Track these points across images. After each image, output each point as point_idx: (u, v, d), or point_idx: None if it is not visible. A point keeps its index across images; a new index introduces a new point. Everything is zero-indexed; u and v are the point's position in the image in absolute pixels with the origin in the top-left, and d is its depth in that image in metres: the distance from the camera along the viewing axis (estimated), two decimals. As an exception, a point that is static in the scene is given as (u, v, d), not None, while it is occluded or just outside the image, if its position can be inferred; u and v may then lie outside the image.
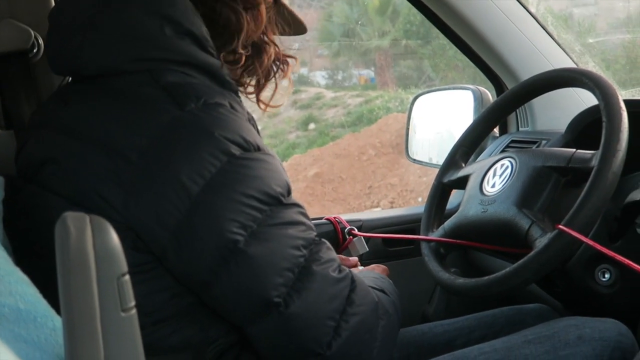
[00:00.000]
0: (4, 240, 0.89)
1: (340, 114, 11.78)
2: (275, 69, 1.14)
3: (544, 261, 1.05)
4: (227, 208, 0.85)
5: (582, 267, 1.19)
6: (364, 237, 1.62)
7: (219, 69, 0.97)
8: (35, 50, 1.38)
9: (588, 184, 1.04)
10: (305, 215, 0.95)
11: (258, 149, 0.90)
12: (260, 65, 1.10)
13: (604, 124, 1.07)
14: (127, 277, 0.51)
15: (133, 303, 0.51)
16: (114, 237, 0.50)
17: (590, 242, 1.02)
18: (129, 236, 0.86)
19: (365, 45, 13.58)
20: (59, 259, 0.49)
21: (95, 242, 0.48)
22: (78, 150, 0.89)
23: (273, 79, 1.15)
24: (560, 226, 1.04)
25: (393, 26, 13.08)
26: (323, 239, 0.97)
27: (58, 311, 0.53)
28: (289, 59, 1.16)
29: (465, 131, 1.44)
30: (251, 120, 0.97)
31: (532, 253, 1.07)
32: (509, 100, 1.39)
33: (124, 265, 0.50)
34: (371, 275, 1.17)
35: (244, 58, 1.07)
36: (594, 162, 1.06)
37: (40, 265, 0.75)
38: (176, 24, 0.93)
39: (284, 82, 1.18)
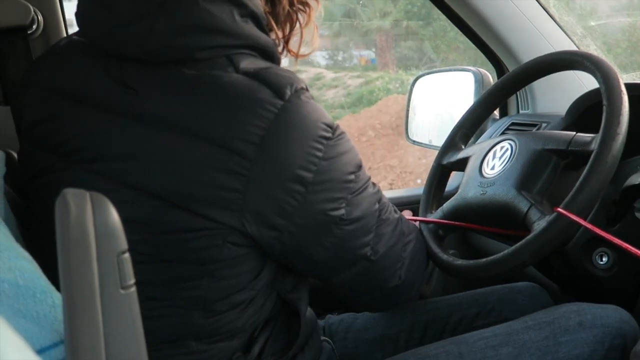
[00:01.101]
0: (6, 215, 0.89)
1: (340, 95, 11.75)
2: (295, 14, 1.11)
3: (542, 244, 1.05)
4: (334, 189, 0.95)
5: (580, 250, 1.19)
6: None
7: (274, 48, 0.99)
8: (34, 27, 1.37)
9: (587, 167, 1.04)
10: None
11: (334, 125, 0.96)
12: (279, 13, 1.08)
13: (604, 107, 1.07)
14: (127, 254, 0.51)
15: (133, 281, 0.51)
16: (114, 214, 0.50)
17: (589, 226, 1.02)
18: (233, 234, 0.90)
19: (366, 26, 13.52)
20: (59, 235, 0.49)
21: (95, 219, 0.48)
22: (174, 144, 0.87)
23: (297, 26, 1.12)
24: (559, 209, 1.04)
25: (394, 7, 13.03)
26: (377, 186, 1.08)
27: (58, 287, 0.53)
28: (310, 1, 1.12)
29: (466, 113, 1.44)
30: None
31: (530, 235, 1.07)
32: (510, 82, 1.38)
33: (124, 242, 0.50)
34: None
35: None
36: (594, 146, 1.06)
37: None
38: (242, 6, 0.93)
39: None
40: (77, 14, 0.98)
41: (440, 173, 1.42)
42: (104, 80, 0.92)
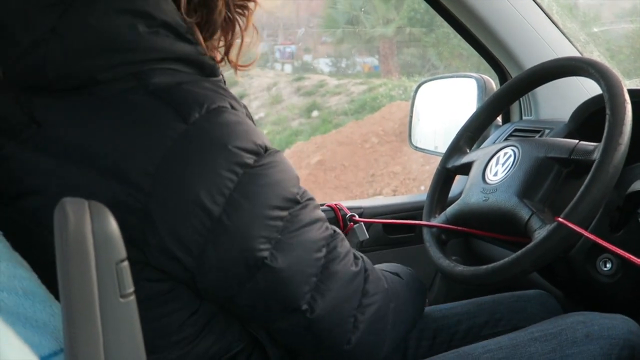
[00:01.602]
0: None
1: (343, 102, 11.75)
2: (232, 18, 0.99)
3: (542, 253, 1.05)
4: (251, 225, 0.82)
5: (584, 256, 1.18)
6: (365, 223, 1.61)
7: (198, 55, 0.89)
8: None
9: (589, 177, 1.03)
10: (317, 206, 0.94)
11: (266, 149, 0.85)
12: (215, 20, 0.96)
13: (607, 116, 1.07)
14: (126, 263, 0.51)
15: (132, 289, 0.51)
16: (113, 223, 0.50)
17: (590, 235, 1.02)
18: (146, 270, 0.82)
19: (370, 33, 13.53)
20: (57, 244, 0.49)
21: (94, 228, 0.48)
22: (78, 179, 0.80)
23: (238, 33, 1.01)
24: (560, 219, 1.04)
25: (397, 14, 13.04)
26: (336, 229, 0.96)
27: (57, 296, 0.53)
28: (248, 3, 1.01)
29: (470, 117, 1.44)
30: (247, 111, 0.93)
31: (530, 244, 1.07)
32: (514, 88, 1.38)
33: (122, 251, 0.50)
34: (387, 264, 1.19)
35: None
36: (596, 155, 1.05)
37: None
38: (148, 17, 0.84)
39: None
40: None
41: (444, 176, 1.42)
42: (17, 114, 0.85)
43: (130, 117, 0.80)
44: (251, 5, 1.01)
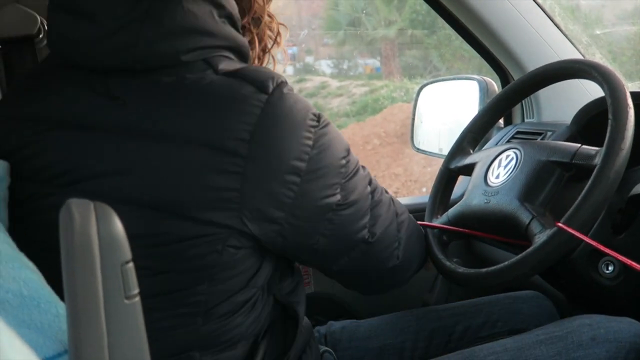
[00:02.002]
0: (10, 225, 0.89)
1: (345, 103, 11.76)
2: (270, 40, 1.15)
3: (541, 258, 1.06)
4: (328, 175, 0.95)
5: (586, 259, 1.18)
6: None
7: (247, 48, 0.99)
8: (41, 36, 1.38)
9: (590, 182, 1.03)
10: None
11: (317, 113, 0.96)
12: (260, 38, 1.12)
13: (609, 121, 1.07)
14: (131, 264, 0.51)
15: (137, 290, 0.51)
16: (118, 224, 0.50)
17: (589, 240, 1.02)
18: (232, 238, 0.90)
19: (371, 35, 13.53)
20: (63, 245, 0.49)
21: (99, 229, 0.48)
22: (169, 153, 0.86)
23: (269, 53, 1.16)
24: (560, 224, 1.04)
25: (399, 16, 13.04)
26: (366, 168, 1.09)
27: (62, 297, 0.53)
28: (280, 27, 1.16)
29: (474, 118, 1.44)
30: None
31: (530, 249, 1.07)
32: (518, 89, 1.38)
33: (127, 252, 0.50)
34: None
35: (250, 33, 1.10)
36: (597, 160, 1.05)
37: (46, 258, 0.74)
38: (221, 7, 0.93)
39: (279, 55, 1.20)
40: (49, 31, 0.95)
41: (447, 177, 1.42)
42: (88, 97, 0.89)
43: (214, 94, 0.87)
44: (283, 29, 1.16)
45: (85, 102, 0.89)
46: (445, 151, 1.45)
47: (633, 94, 1.14)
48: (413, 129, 2.07)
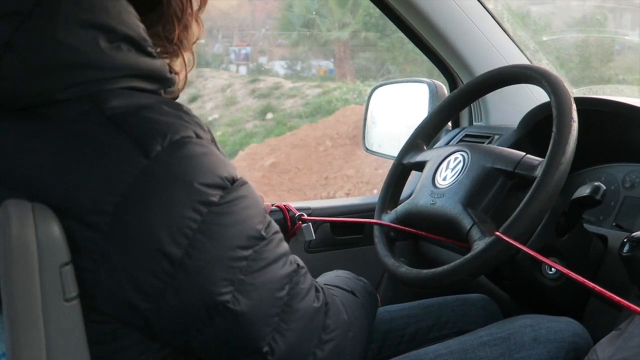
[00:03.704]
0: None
1: (298, 105, 11.76)
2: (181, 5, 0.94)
3: (479, 264, 1.07)
4: (213, 267, 0.77)
5: (530, 260, 1.21)
6: (314, 222, 1.61)
7: (161, 71, 0.84)
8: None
9: (529, 193, 1.05)
10: (282, 239, 0.89)
11: (233, 181, 0.80)
12: (188, 41, 0.94)
13: (553, 133, 1.09)
14: (70, 266, 0.50)
15: (76, 292, 0.50)
16: (57, 226, 0.49)
17: (527, 250, 1.03)
18: (94, 313, 0.71)
19: (325, 37, 13.57)
20: (0, 247, 0.48)
21: (37, 231, 0.47)
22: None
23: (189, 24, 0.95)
24: (498, 233, 1.05)
25: (353, 18, 13.10)
26: (299, 263, 0.91)
27: None
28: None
29: (429, 114, 1.44)
30: (212, 136, 0.86)
31: (468, 255, 1.09)
32: (473, 88, 1.38)
33: (66, 254, 0.49)
34: (342, 275, 1.17)
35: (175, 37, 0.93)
36: (538, 172, 1.07)
37: None
38: (110, 31, 0.78)
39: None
40: None
41: (400, 171, 1.43)
42: None
43: (85, 147, 0.74)
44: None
45: None
46: (395, 153, 1.46)
47: (578, 100, 1.16)
48: (365, 130, 2.08)
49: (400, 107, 2.02)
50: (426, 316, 1.37)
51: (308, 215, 1.61)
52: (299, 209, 1.60)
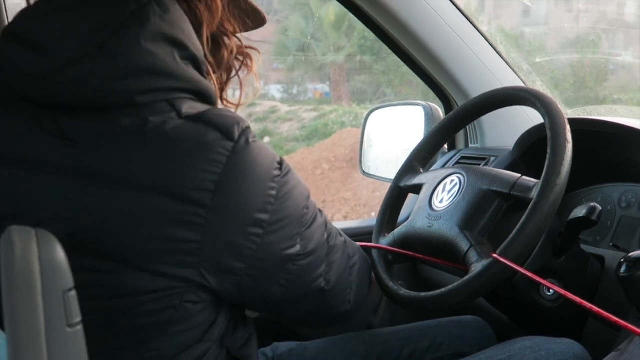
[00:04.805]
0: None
1: (294, 128, 11.80)
2: (237, 64, 1.08)
3: (476, 287, 1.08)
4: (290, 226, 0.93)
5: (528, 281, 1.20)
6: None
7: (214, 92, 0.95)
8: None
9: (525, 215, 1.06)
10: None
11: (280, 160, 0.95)
12: (220, 60, 1.04)
13: (547, 155, 1.09)
14: (74, 292, 0.51)
15: (79, 318, 0.51)
16: (60, 252, 0.50)
17: (524, 272, 1.04)
18: (189, 292, 0.87)
19: (321, 60, 13.64)
20: (3, 272, 0.49)
21: (41, 256, 0.48)
22: (124, 201, 0.81)
23: (236, 76, 1.09)
24: (495, 255, 1.06)
25: (348, 41, 13.18)
26: (322, 211, 1.06)
27: (2, 326, 0.53)
28: (251, 52, 1.09)
29: (425, 137, 1.45)
30: None
31: (466, 277, 1.09)
32: (469, 110, 1.37)
33: (70, 280, 0.50)
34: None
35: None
36: (534, 194, 1.08)
37: None
38: (184, 49, 0.89)
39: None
40: None
41: (397, 194, 1.43)
42: (36, 134, 0.83)
43: (171, 140, 0.83)
44: (255, 55, 1.10)
45: (33, 138, 0.84)
46: (392, 176, 1.47)
47: (572, 121, 1.17)
48: (361, 153, 2.08)
49: (396, 130, 2.03)
50: (421, 338, 1.37)
51: None
52: None
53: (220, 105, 1.05)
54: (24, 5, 0.92)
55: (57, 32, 0.83)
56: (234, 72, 1.08)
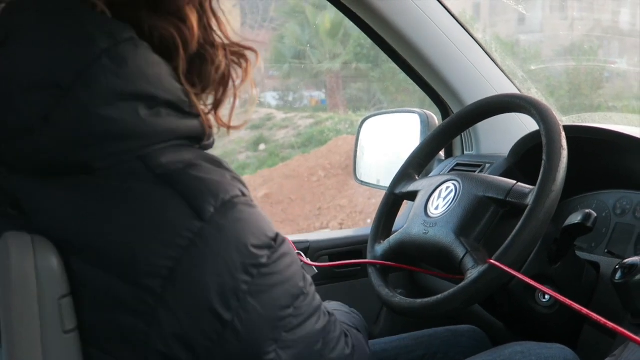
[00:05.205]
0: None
1: (290, 135, 11.80)
2: (235, 72, 0.90)
3: (473, 293, 1.08)
4: (262, 328, 0.78)
5: (523, 288, 1.21)
6: (313, 257, 1.62)
7: (199, 131, 0.83)
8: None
9: (521, 221, 1.06)
10: (312, 283, 0.89)
11: (276, 238, 0.80)
12: (208, 75, 0.87)
13: (543, 162, 1.10)
14: (69, 298, 0.51)
15: (74, 325, 0.50)
16: (56, 258, 0.50)
17: (521, 277, 1.04)
18: None
19: (317, 68, 13.66)
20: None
21: (36, 263, 0.48)
22: (79, 276, 0.69)
23: (231, 90, 0.90)
24: (491, 260, 1.06)
25: (344, 49, 13.20)
26: (329, 311, 0.92)
27: (-2, 332, 0.53)
28: (246, 53, 0.90)
29: (420, 144, 1.45)
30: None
31: (462, 284, 1.09)
32: (463, 118, 1.38)
33: (65, 286, 0.50)
34: (338, 308, 1.15)
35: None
36: (529, 200, 1.08)
37: None
38: (150, 99, 0.76)
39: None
40: None
41: (392, 201, 1.43)
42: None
43: (139, 210, 0.73)
44: (251, 56, 0.91)
45: None
46: (386, 183, 1.47)
47: (567, 128, 1.17)
48: (355, 161, 2.08)
49: (391, 137, 2.03)
50: (417, 347, 1.37)
51: (306, 249, 1.63)
52: (296, 243, 1.61)
53: (214, 131, 0.91)
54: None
55: (5, 98, 0.74)
56: (229, 83, 0.90)
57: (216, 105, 0.89)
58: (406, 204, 1.52)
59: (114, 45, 0.74)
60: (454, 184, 1.27)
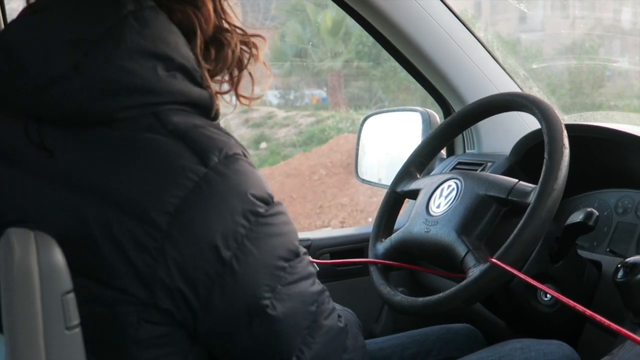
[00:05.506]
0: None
1: (291, 134, 11.80)
2: (246, 56, 1.01)
3: (474, 292, 1.08)
4: (258, 272, 0.83)
5: (525, 286, 1.21)
6: (315, 254, 1.62)
7: (208, 101, 0.91)
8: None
9: (522, 220, 1.06)
10: (306, 252, 0.94)
11: (273, 198, 0.87)
12: (226, 58, 0.98)
13: (545, 160, 1.10)
14: (72, 294, 0.51)
15: (77, 321, 0.51)
16: (59, 254, 0.50)
17: (522, 276, 1.04)
18: (148, 311, 0.80)
19: (318, 66, 13.65)
20: (2, 275, 0.49)
21: (39, 259, 0.48)
22: (89, 213, 0.78)
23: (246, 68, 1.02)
24: (493, 259, 1.06)
25: (345, 47, 13.19)
26: (323, 286, 0.96)
27: (0, 328, 0.53)
28: (256, 40, 1.02)
29: (422, 143, 1.45)
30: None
31: (463, 282, 1.09)
32: (464, 117, 1.39)
33: (68, 283, 0.50)
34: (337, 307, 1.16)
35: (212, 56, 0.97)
36: (531, 199, 1.08)
37: None
38: (168, 60, 0.85)
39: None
40: None
41: (394, 200, 1.43)
42: (23, 139, 0.84)
43: (150, 156, 0.80)
44: (260, 42, 1.03)
45: (20, 143, 0.84)
46: (387, 182, 1.47)
47: (569, 127, 1.17)
48: (357, 159, 2.08)
49: (393, 136, 2.03)
50: (411, 345, 1.37)
51: (308, 247, 1.63)
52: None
53: (232, 103, 1.03)
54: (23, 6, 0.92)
55: (36, 50, 0.82)
56: (244, 64, 1.01)
57: (236, 83, 1.01)
58: (408, 202, 1.51)
59: (139, 10, 0.84)
60: (455, 183, 1.27)
